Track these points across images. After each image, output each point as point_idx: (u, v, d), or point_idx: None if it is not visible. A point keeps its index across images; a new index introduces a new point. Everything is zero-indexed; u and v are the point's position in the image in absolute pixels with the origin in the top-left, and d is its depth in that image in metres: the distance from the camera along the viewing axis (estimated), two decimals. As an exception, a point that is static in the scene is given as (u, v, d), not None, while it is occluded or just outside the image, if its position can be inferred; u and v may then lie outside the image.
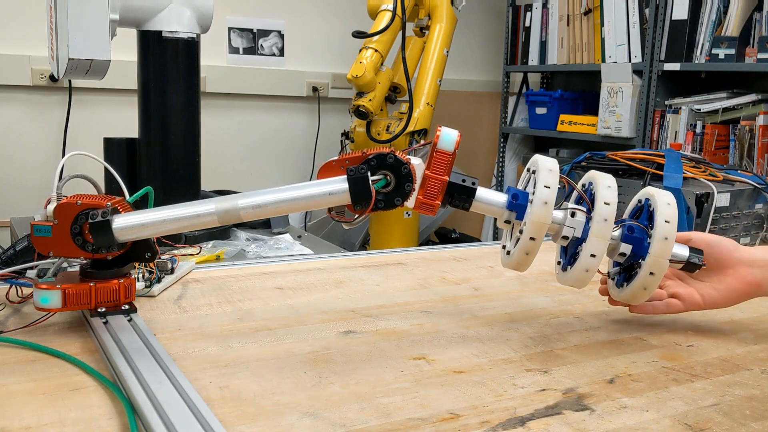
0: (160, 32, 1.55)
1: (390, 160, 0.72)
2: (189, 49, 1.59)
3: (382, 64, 2.44)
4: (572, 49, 3.02)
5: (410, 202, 0.74)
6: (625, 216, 0.82)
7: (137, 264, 0.90)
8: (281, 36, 3.05)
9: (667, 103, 2.65)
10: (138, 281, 0.90)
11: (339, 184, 0.73)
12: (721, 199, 1.81)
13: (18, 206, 2.60)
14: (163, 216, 0.74)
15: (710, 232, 1.83)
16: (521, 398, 0.63)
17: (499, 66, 3.52)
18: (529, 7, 3.23)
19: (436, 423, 0.58)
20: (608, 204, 0.73)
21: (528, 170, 0.79)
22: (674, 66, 2.57)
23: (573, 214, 0.75)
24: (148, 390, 0.59)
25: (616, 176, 1.97)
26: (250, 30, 2.99)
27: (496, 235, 3.47)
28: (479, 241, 3.46)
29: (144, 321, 0.77)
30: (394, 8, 2.35)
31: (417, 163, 0.73)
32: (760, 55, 2.32)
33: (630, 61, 2.74)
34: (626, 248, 0.76)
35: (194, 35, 1.59)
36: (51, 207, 0.75)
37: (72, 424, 0.56)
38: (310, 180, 0.77)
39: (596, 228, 0.73)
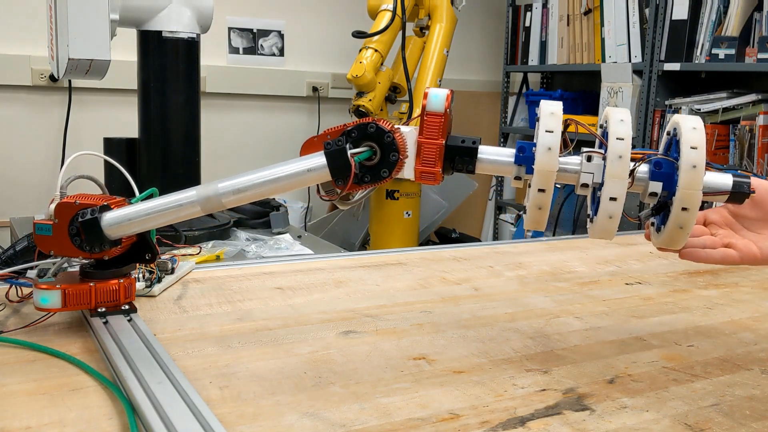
0: (160, 32, 1.55)
1: (371, 130, 0.68)
2: (189, 49, 1.59)
3: (382, 64, 2.44)
4: (572, 49, 3.02)
5: (408, 173, 0.69)
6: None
7: (137, 264, 0.90)
8: (281, 36, 3.05)
9: (667, 103, 2.65)
10: (138, 281, 0.90)
11: (317, 159, 0.69)
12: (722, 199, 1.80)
13: (18, 206, 2.60)
14: (147, 209, 0.74)
15: (710, 232, 1.83)
16: (521, 398, 0.63)
17: (499, 66, 3.52)
18: (529, 7, 3.23)
19: (436, 423, 0.58)
20: (621, 139, 0.66)
21: (537, 120, 0.73)
22: (674, 66, 2.58)
23: (589, 158, 0.68)
24: (148, 390, 0.59)
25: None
26: (250, 30, 2.99)
27: (496, 235, 3.47)
28: (479, 241, 3.45)
29: (144, 321, 0.77)
30: (394, 8, 2.35)
31: (407, 130, 0.69)
32: (760, 55, 2.32)
33: (630, 61, 2.74)
34: (656, 186, 0.68)
35: (194, 35, 1.59)
36: (53, 206, 0.75)
37: (72, 424, 0.56)
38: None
39: (611, 168, 0.65)
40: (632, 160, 0.68)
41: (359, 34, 2.39)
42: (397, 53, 2.50)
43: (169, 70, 1.58)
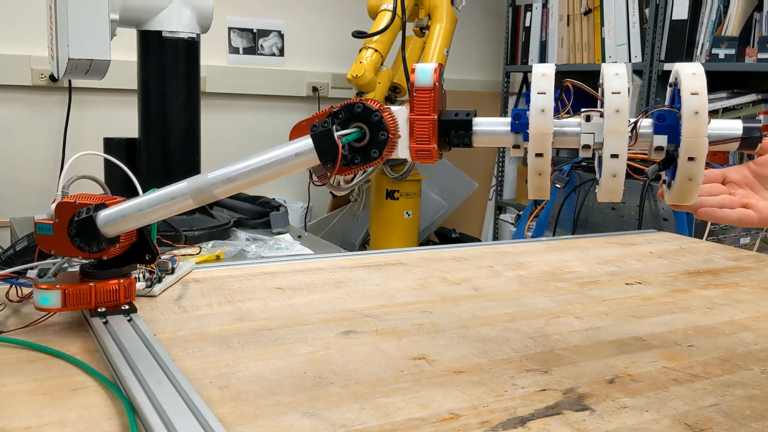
0: (160, 32, 1.55)
1: (358, 110, 0.67)
2: (189, 49, 1.59)
3: (382, 64, 2.44)
4: (572, 49, 3.02)
5: (403, 153, 0.68)
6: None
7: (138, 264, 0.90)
8: (281, 36, 3.05)
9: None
10: (138, 281, 0.90)
11: (305, 142, 0.68)
12: (721, 199, 1.80)
13: (18, 206, 2.60)
14: (139, 203, 0.73)
15: (710, 232, 1.83)
16: (521, 398, 0.63)
17: (499, 66, 3.52)
18: (529, 7, 3.23)
19: (436, 423, 0.58)
20: (618, 93, 0.63)
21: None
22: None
23: (588, 118, 0.65)
24: (148, 390, 0.59)
25: (616, 176, 1.97)
26: (250, 30, 2.99)
27: (496, 235, 3.47)
28: (479, 241, 3.45)
29: (144, 321, 0.77)
30: (394, 8, 2.35)
31: (397, 109, 0.68)
32: (760, 55, 2.32)
33: (630, 61, 2.74)
34: (661, 140, 0.65)
35: (194, 35, 1.59)
36: (53, 205, 0.76)
37: (72, 424, 0.56)
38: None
39: (609, 123, 0.63)
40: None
41: (359, 34, 2.38)
42: (397, 53, 2.50)
43: (169, 70, 1.58)
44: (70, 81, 2.57)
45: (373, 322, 0.83)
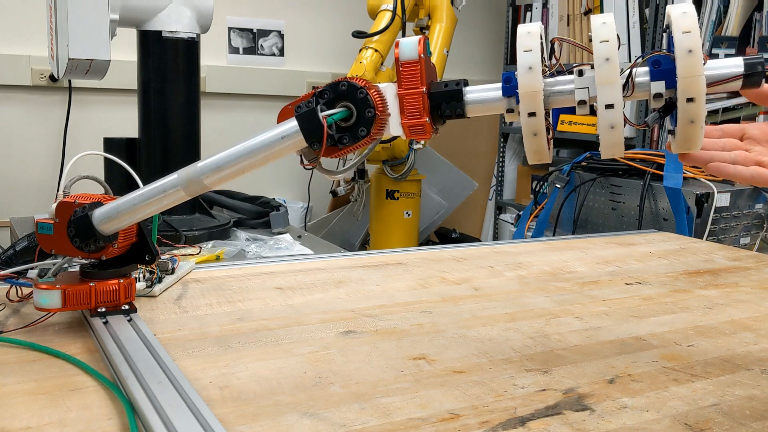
0: (160, 32, 1.55)
1: (343, 88, 0.66)
2: (189, 49, 1.60)
3: (382, 64, 2.44)
4: (572, 49, 3.02)
5: (395, 130, 0.67)
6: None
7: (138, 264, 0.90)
8: (281, 36, 3.05)
9: (667, 103, 2.65)
10: (138, 281, 0.90)
11: (290, 124, 0.67)
12: (721, 199, 1.81)
13: (18, 206, 2.60)
14: (132, 198, 0.73)
15: (710, 232, 1.83)
16: (521, 398, 0.63)
17: (499, 66, 3.52)
18: (529, 7, 3.23)
19: (436, 423, 0.58)
20: (606, 41, 0.61)
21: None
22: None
23: (581, 73, 0.63)
24: (148, 390, 0.59)
25: (617, 176, 1.98)
26: (250, 30, 2.99)
27: (496, 235, 3.47)
28: (479, 241, 3.45)
29: (144, 321, 0.77)
30: (394, 8, 2.35)
31: (385, 85, 0.67)
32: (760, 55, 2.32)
33: (630, 61, 2.74)
34: (659, 87, 0.62)
35: (194, 35, 1.60)
36: (54, 205, 0.76)
37: (72, 424, 0.56)
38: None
39: (600, 73, 0.61)
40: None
41: (359, 34, 2.38)
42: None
43: (169, 70, 1.58)
44: (70, 81, 2.57)
45: (373, 322, 0.83)
